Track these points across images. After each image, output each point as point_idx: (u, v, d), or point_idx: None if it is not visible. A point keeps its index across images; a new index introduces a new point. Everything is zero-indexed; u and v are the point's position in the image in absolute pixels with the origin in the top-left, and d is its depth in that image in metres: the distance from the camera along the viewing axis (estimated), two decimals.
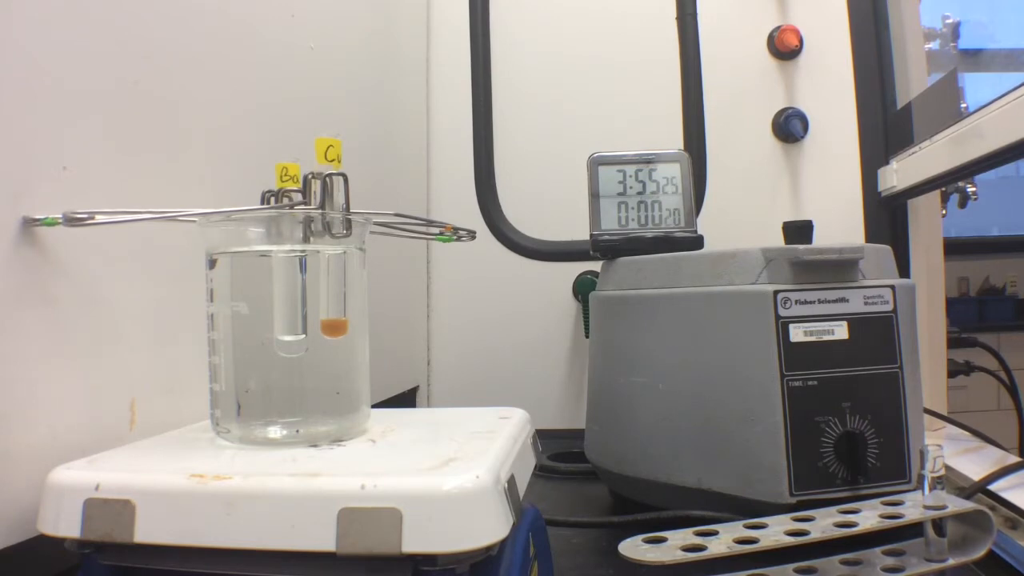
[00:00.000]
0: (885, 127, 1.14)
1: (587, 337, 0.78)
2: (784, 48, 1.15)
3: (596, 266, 0.78)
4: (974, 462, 0.83)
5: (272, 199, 0.48)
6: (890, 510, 0.48)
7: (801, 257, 0.59)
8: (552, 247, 1.06)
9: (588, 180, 0.75)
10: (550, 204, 1.15)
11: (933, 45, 2.08)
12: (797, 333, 0.58)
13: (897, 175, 1.06)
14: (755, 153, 1.17)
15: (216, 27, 0.61)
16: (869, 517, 0.47)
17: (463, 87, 1.03)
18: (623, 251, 0.72)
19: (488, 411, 0.54)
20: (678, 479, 0.63)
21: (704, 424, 0.61)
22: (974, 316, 2.76)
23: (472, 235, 0.61)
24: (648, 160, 0.75)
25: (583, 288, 1.17)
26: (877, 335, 0.59)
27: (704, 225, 0.79)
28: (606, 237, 0.74)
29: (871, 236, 1.12)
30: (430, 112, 1.22)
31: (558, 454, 0.90)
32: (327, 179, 0.46)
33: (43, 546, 0.39)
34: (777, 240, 0.66)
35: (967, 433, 0.97)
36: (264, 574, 0.37)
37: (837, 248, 0.60)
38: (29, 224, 0.42)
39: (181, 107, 0.56)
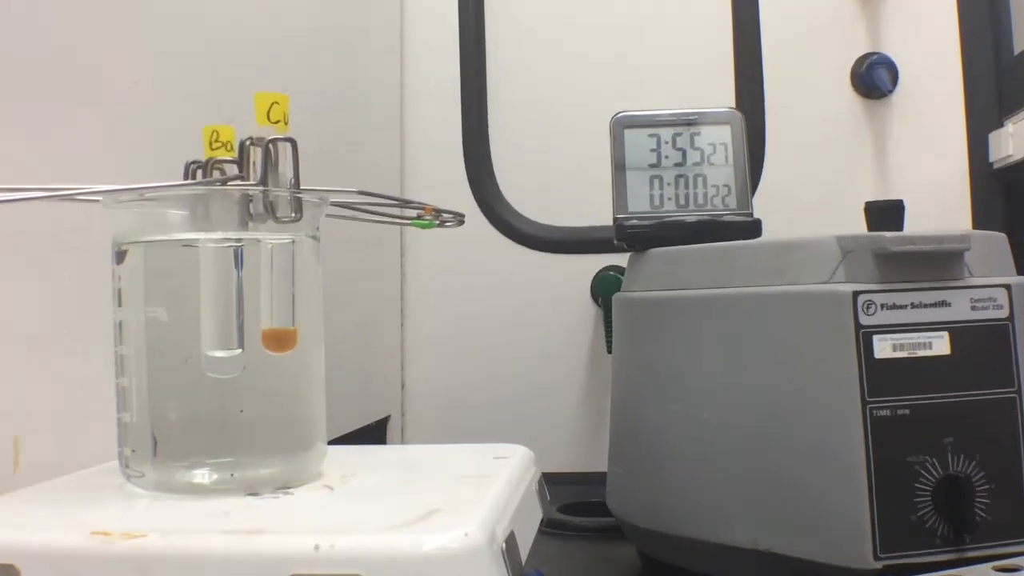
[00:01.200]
0: (998, 78, 1.14)
1: (609, 352, 0.78)
2: None
3: (621, 260, 0.79)
4: None
5: (199, 172, 0.48)
6: None
7: (889, 248, 0.59)
8: (564, 235, 1.06)
9: (611, 147, 0.75)
10: (561, 179, 1.15)
11: None
12: (884, 347, 0.58)
13: (1014, 140, 1.06)
14: (829, 112, 1.17)
15: None
16: None
17: (448, 18, 1.03)
18: (656, 240, 0.73)
19: (480, 448, 0.55)
20: (728, 538, 0.63)
21: (762, 466, 0.61)
22: None
23: (460, 219, 0.61)
24: (690, 121, 0.75)
25: (604, 289, 1.17)
26: (988, 349, 0.59)
27: (761, 206, 0.79)
28: (635, 222, 0.74)
29: (980, 221, 1.13)
30: (404, 54, 1.22)
31: (571, 504, 0.91)
32: (270, 145, 0.46)
33: None
34: (856, 225, 0.66)
35: None
36: None
37: (936, 236, 0.60)
38: None
39: (79, 52, 0.56)
